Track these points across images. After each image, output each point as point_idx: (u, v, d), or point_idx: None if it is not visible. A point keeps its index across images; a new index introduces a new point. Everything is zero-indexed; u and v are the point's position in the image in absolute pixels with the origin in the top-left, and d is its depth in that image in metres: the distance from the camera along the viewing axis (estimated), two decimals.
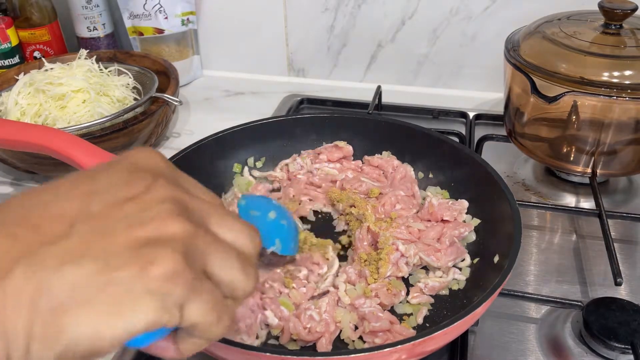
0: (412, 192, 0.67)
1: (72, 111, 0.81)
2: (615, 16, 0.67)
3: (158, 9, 0.99)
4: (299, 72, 1.09)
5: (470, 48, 0.96)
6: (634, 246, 0.67)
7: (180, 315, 0.26)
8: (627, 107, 0.64)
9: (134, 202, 0.27)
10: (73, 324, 0.24)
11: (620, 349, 0.50)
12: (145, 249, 0.25)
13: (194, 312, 0.26)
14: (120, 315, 0.24)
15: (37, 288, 0.24)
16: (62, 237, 0.25)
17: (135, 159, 0.30)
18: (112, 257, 0.25)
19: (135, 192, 0.27)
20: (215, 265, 0.28)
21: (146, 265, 0.25)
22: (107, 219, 0.26)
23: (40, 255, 0.24)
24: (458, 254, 0.58)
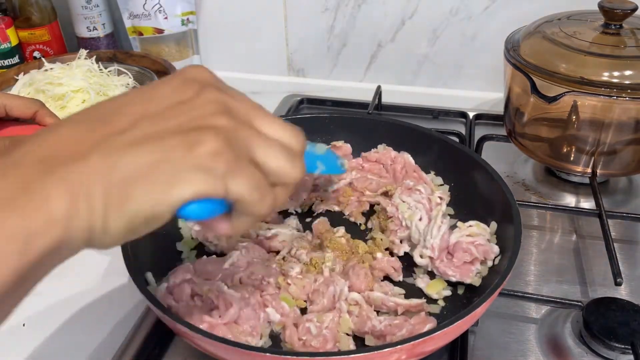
0: (420, 177, 0.67)
1: (72, 111, 0.82)
2: (615, 16, 0.67)
3: (158, 9, 0.99)
4: (299, 72, 1.09)
5: (470, 48, 0.96)
6: (634, 246, 0.67)
7: (224, 188, 0.30)
8: (627, 107, 0.64)
9: (184, 103, 0.32)
10: (138, 193, 0.29)
11: (620, 349, 0.50)
12: (192, 133, 0.31)
13: (237, 186, 0.31)
14: (173, 184, 0.29)
15: (110, 166, 0.29)
16: (128, 129, 0.30)
17: (187, 73, 0.35)
18: (166, 141, 0.30)
19: (186, 96, 0.33)
20: (260, 155, 0.33)
21: (193, 145, 0.30)
22: (162, 116, 0.31)
23: (111, 142, 0.30)
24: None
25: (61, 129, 0.30)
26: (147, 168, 0.29)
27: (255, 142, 0.33)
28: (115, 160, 0.29)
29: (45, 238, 0.27)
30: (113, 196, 0.29)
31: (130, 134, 0.30)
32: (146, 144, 0.30)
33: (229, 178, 0.31)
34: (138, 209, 0.29)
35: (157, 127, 0.31)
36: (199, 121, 0.31)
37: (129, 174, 0.29)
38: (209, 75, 0.35)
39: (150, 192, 0.29)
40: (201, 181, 0.30)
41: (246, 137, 0.32)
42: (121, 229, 0.29)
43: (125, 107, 0.32)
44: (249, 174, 0.32)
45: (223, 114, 0.32)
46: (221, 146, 0.31)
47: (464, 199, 0.65)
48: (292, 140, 0.35)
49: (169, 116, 0.32)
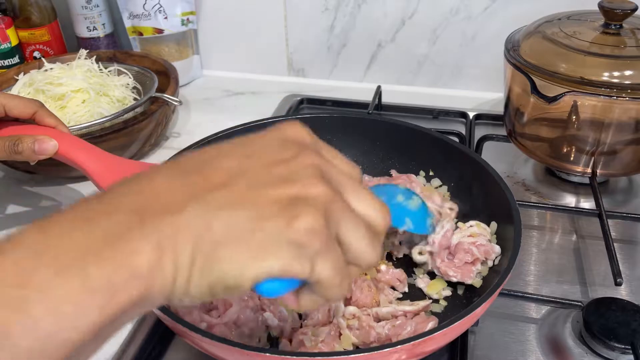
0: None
1: (71, 111, 0.81)
2: (615, 16, 0.67)
3: (158, 9, 0.99)
4: (299, 72, 1.09)
5: (470, 48, 0.96)
6: (634, 246, 0.67)
7: (310, 269, 0.29)
8: (627, 107, 0.64)
9: (283, 165, 0.31)
10: (226, 258, 0.28)
11: (620, 349, 0.50)
12: (291, 205, 0.29)
13: (323, 268, 0.30)
14: (263, 257, 0.28)
15: (204, 224, 0.28)
16: (224, 186, 0.29)
17: (285, 131, 0.34)
18: (263, 208, 0.29)
19: (284, 157, 0.32)
20: (346, 231, 0.31)
21: (291, 219, 0.29)
22: (260, 176, 0.30)
23: (206, 198, 0.29)
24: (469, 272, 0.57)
25: (156, 177, 0.30)
26: (241, 233, 0.28)
27: (347, 218, 0.32)
28: (210, 219, 0.28)
29: (128, 293, 0.26)
30: (201, 256, 0.28)
31: (227, 191, 0.29)
32: (243, 207, 0.29)
33: (317, 259, 0.30)
34: (223, 274, 0.28)
35: (254, 188, 0.30)
36: (297, 188, 0.30)
37: (222, 235, 0.28)
38: (306, 135, 0.34)
39: (239, 259, 0.28)
40: (292, 258, 0.29)
41: (339, 212, 0.31)
42: (202, 291, 0.29)
43: (222, 160, 0.31)
44: (335, 257, 0.31)
45: (320, 181, 0.31)
46: (318, 223, 0.29)
47: (464, 199, 0.65)
48: (378, 219, 0.33)
49: (266, 177, 0.30)
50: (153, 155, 0.86)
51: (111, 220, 0.27)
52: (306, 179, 0.31)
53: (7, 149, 0.59)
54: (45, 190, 0.79)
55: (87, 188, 0.78)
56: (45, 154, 0.60)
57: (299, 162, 0.31)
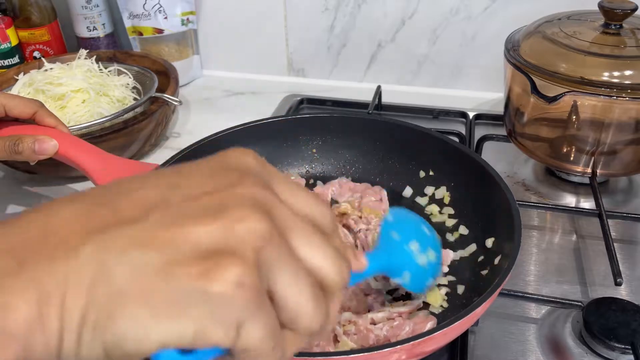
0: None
1: (71, 111, 0.82)
2: (615, 16, 0.67)
3: (158, 9, 0.99)
4: (299, 72, 1.09)
5: (470, 48, 0.96)
6: (634, 246, 0.67)
7: (235, 335, 0.23)
8: (627, 107, 0.64)
9: (212, 196, 0.25)
10: (125, 316, 0.22)
11: (620, 349, 0.50)
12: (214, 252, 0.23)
13: (253, 333, 0.23)
14: (173, 317, 0.22)
15: (100, 270, 0.22)
16: (135, 221, 0.24)
17: (225, 157, 0.28)
18: (179, 250, 0.23)
19: (216, 187, 0.25)
20: (282, 284, 0.25)
21: (213, 267, 0.22)
22: (180, 209, 0.24)
23: (111, 235, 0.23)
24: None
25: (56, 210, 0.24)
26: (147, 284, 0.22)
27: (283, 266, 0.25)
28: (110, 263, 0.22)
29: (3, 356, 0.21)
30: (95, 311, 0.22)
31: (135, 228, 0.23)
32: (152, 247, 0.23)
33: (245, 321, 0.23)
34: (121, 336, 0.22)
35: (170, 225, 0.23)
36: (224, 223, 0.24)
37: (122, 284, 0.22)
38: (251, 161, 0.28)
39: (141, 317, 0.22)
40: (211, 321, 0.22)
41: (274, 256, 0.24)
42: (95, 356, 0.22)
43: (140, 191, 0.25)
44: (268, 318, 0.24)
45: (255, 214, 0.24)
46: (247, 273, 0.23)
47: (464, 199, 0.65)
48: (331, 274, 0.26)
49: (188, 211, 0.24)
50: (153, 155, 0.86)
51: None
52: (237, 212, 0.24)
53: (8, 149, 0.59)
54: (45, 190, 0.79)
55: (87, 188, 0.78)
56: (45, 154, 0.60)
57: (233, 192, 0.25)
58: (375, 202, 0.67)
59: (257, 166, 0.28)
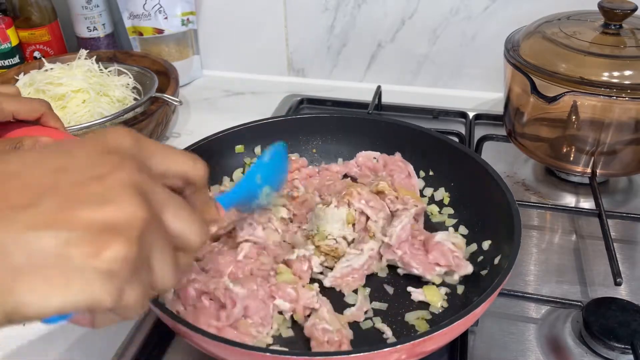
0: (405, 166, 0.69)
1: (72, 111, 0.82)
2: (615, 16, 0.67)
3: (158, 9, 0.99)
4: (299, 72, 1.09)
5: (470, 48, 0.96)
6: (634, 246, 0.67)
7: (119, 298, 0.28)
8: (627, 107, 0.64)
9: (98, 182, 0.28)
10: (24, 288, 0.26)
11: (620, 349, 0.50)
12: (101, 232, 0.27)
13: (131, 296, 0.28)
14: (69, 288, 0.26)
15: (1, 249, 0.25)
16: (29, 206, 0.27)
17: (105, 139, 0.31)
18: (73, 232, 0.27)
19: (100, 172, 0.29)
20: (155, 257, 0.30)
21: (102, 246, 0.27)
22: (72, 195, 0.28)
23: (6, 220, 0.26)
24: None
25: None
26: (43, 261, 0.26)
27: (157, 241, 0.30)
28: (9, 243, 0.26)
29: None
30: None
31: (31, 212, 0.26)
32: (47, 230, 0.26)
33: (126, 287, 0.28)
34: (19, 305, 0.26)
35: (64, 209, 0.27)
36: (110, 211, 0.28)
37: (20, 263, 0.25)
38: (129, 142, 0.32)
39: (41, 289, 0.26)
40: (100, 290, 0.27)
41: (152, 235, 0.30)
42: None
43: (26, 175, 0.28)
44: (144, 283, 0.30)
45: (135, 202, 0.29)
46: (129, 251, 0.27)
47: (464, 199, 0.65)
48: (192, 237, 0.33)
49: (78, 196, 0.28)
50: None
51: None
52: (122, 201, 0.28)
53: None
54: None
55: None
56: None
57: (116, 179, 0.29)
58: (405, 178, 0.68)
59: (134, 146, 0.32)
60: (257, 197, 0.54)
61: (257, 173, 0.54)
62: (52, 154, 0.30)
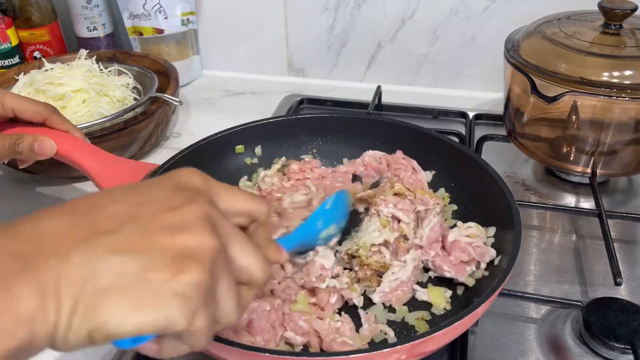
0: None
1: (72, 111, 0.82)
2: (615, 16, 0.67)
3: (158, 9, 0.99)
4: (299, 72, 1.09)
5: (470, 48, 0.96)
6: (634, 246, 0.67)
7: (191, 321, 0.30)
8: (627, 107, 0.64)
9: (174, 213, 0.31)
10: (108, 307, 0.28)
11: (620, 349, 0.50)
12: (179, 257, 0.30)
13: (200, 322, 0.30)
14: (148, 309, 0.28)
15: (88, 271, 0.28)
16: (113, 231, 0.29)
17: (179, 178, 0.35)
18: (152, 257, 0.29)
19: (176, 204, 0.32)
20: (220, 289, 0.32)
21: (179, 271, 0.29)
22: (150, 223, 0.31)
23: (94, 243, 0.29)
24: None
25: (43, 221, 0.30)
26: (127, 282, 0.28)
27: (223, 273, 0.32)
28: (96, 265, 0.28)
29: (12, 339, 0.26)
30: (83, 304, 0.28)
31: (116, 238, 0.29)
32: (131, 254, 0.29)
33: (197, 312, 0.30)
34: (104, 323, 0.28)
35: (144, 235, 0.30)
36: (187, 239, 0.30)
37: (107, 283, 0.28)
38: (199, 181, 0.35)
39: (122, 309, 0.28)
40: (176, 312, 0.29)
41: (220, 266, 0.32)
42: (80, 339, 0.28)
43: (111, 206, 0.31)
44: (213, 311, 0.32)
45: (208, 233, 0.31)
46: (203, 277, 0.30)
47: (464, 199, 0.65)
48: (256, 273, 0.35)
49: (157, 225, 0.31)
50: (153, 155, 0.86)
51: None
52: (196, 230, 0.31)
53: (8, 148, 0.59)
54: (45, 190, 0.79)
55: (87, 188, 0.78)
56: (44, 155, 0.60)
57: (190, 211, 0.32)
58: (411, 175, 0.68)
59: (203, 184, 0.35)
60: (316, 240, 0.56)
61: (319, 219, 0.57)
62: (134, 189, 0.34)
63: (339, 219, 0.61)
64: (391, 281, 0.55)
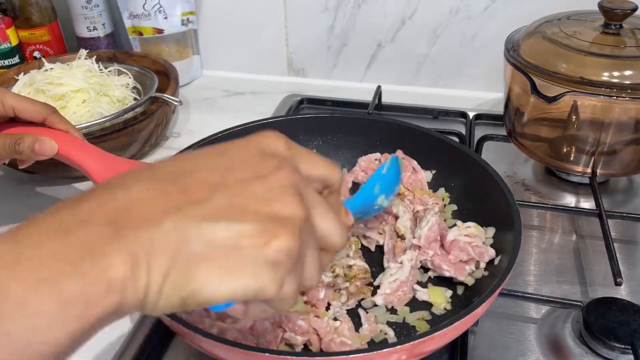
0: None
1: (72, 111, 0.81)
2: (615, 16, 0.67)
3: (158, 9, 0.99)
4: (299, 72, 1.09)
5: (470, 48, 0.96)
6: (634, 246, 0.67)
7: (280, 287, 0.30)
8: (627, 107, 0.64)
9: (263, 181, 0.31)
10: (201, 275, 0.28)
11: (620, 349, 0.50)
12: (270, 224, 0.29)
13: (289, 288, 0.31)
14: (240, 276, 0.28)
15: (180, 238, 0.28)
16: (204, 200, 0.29)
17: (263, 141, 0.34)
18: (243, 224, 0.29)
19: (263, 172, 0.32)
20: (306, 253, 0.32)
21: (270, 238, 0.29)
22: (240, 191, 0.30)
23: (186, 211, 0.29)
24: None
25: (132, 187, 0.29)
26: (219, 249, 0.28)
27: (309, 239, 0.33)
28: (188, 233, 0.28)
29: (104, 305, 0.26)
30: (176, 271, 0.28)
31: (206, 205, 0.29)
32: (221, 222, 0.29)
33: (287, 278, 0.30)
34: (197, 290, 0.28)
35: (233, 203, 0.30)
36: (275, 206, 0.30)
37: (199, 251, 0.28)
38: (284, 146, 0.35)
39: (215, 276, 0.28)
40: (268, 280, 0.29)
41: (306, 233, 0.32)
42: (172, 305, 0.29)
43: (200, 172, 0.31)
44: (300, 277, 0.32)
45: (296, 201, 0.31)
46: (294, 244, 0.30)
47: (464, 199, 0.66)
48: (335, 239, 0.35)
49: (246, 193, 0.31)
50: (153, 155, 0.86)
51: (86, 232, 0.27)
52: (284, 198, 0.31)
53: (8, 148, 0.59)
54: (45, 190, 0.79)
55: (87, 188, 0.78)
56: (44, 154, 0.60)
57: (277, 179, 0.32)
58: (411, 175, 0.68)
59: (287, 149, 0.35)
60: (374, 205, 0.58)
61: (375, 184, 0.58)
62: (219, 153, 0.33)
63: (394, 184, 0.61)
64: (391, 282, 0.56)
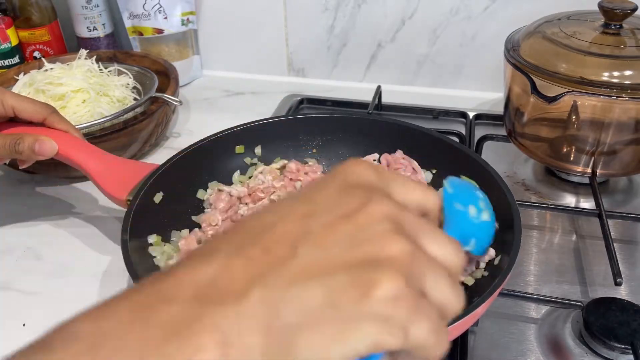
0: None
1: (72, 111, 0.81)
2: (615, 16, 0.67)
3: (158, 9, 0.99)
4: (299, 72, 1.09)
5: (470, 48, 0.96)
6: (634, 246, 0.67)
7: (404, 337, 0.26)
8: (627, 107, 0.64)
9: (349, 222, 0.27)
10: (302, 347, 0.25)
11: (620, 349, 0.50)
12: (365, 272, 0.26)
13: (419, 333, 0.26)
14: (345, 339, 0.25)
15: (270, 311, 0.25)
16: (288, 258, 0.26)
17: (345, 174, 0.30)
18: (333, 278, 0.25)
19: (349, 210, 0.28)
20: (430, 286, 0.28)
21: (369, 288, 0.25)
22: (325, 239, 0.27)
23: (271, 276, 0.25)
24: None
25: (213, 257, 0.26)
26: (314, 314, 0.25)
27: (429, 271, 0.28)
28: (276, 303, 0.25)
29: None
30: (274, 347, 0.25)
31: (292, 265, 0.26)
32: (310, 281, 0.25)
33: (410, 325, 0.26)
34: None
35: (320, 256, 0.26)
36: (370, 248, 0.26)
37: (294, 320, 0.25)
38: (372, 175, 0.30)
39: (319, 344, 0.25)
40: (379, 333, 0.25)
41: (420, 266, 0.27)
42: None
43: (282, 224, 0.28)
44: (428, 316, 0.27)
45: (396, 235, 0.27)
46: (400, 287, 0.25)
47: None
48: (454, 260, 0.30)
49: (333, 238, 0.27)
50: (153, 155, 0.86)
51: (169, 311, 0.24)
52: (378, 238, 0.27)
53: (8, 148, 0.59)
54: (45, 190, 0.79)
55: (87, 188, 0.78)
56: (44, 155, 0.60)
57: (367, 215, 0.27)
58: (411, 175, 0.68)
59: (375, 177, 0.30)
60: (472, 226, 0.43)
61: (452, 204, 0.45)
62: (297, 201, 0.29)
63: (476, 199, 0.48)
64: None
